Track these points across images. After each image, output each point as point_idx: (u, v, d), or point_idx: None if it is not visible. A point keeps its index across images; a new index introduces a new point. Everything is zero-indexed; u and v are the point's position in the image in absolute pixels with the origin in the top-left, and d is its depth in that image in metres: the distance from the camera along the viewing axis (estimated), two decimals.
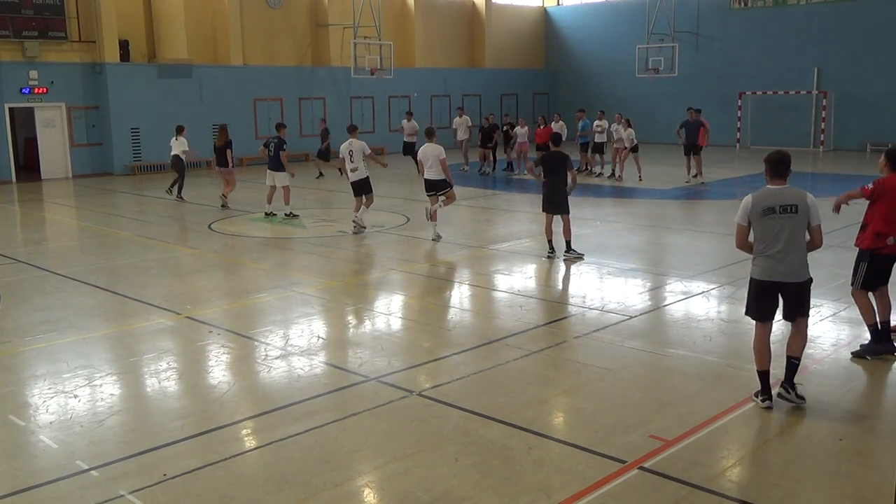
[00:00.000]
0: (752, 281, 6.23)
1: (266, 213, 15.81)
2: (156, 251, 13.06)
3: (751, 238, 6.16)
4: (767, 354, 6.14)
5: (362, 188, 13.90)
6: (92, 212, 17.74)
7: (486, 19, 35.47)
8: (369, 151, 13.86)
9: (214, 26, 27.36)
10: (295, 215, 15.61)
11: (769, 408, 6.04)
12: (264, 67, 28.31)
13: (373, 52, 29.37)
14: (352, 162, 13.71)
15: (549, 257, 11.66)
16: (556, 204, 11.61)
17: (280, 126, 16.42)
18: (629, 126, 21.22)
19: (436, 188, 13.20)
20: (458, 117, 25.50)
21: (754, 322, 6.27)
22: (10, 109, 23.35)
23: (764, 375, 6.12)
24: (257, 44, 28.41)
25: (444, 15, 34.60)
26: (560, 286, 10.60)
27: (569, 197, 11.70)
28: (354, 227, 13.95)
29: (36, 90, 23.45)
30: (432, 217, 13.15)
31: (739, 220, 6.13)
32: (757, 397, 6.13)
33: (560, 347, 7.74)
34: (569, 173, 11.58)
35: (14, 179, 23.41)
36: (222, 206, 17.25)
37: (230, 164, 17.31)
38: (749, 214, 6.04)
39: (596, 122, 22.29)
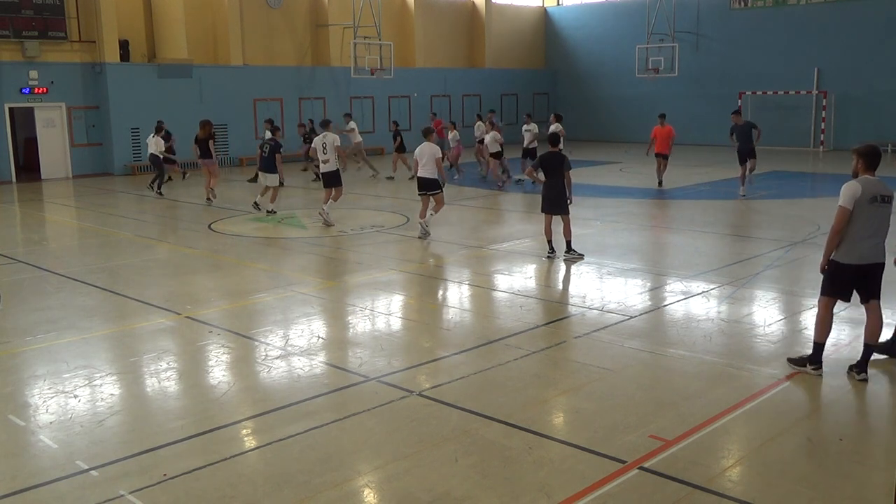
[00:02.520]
0: (838, 265, 6.53)
1: (267, 211, 16.06)
2: (156, 251, 13.06)
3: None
4: (829, 329, 6.70)
5: (332, 180, 14.57)
6: (92, 212, 17.74)
7: (486, 19, 35.49)
8: (338, 144, 14.50)
9: (214, 26, 27.38)
10: (273, 212, 15.99)
11: (819, 375, 6.66)
12: (264, 67, 28.33)
13: (373, 52, 29.38)
14: (324, 154, 14.40)
15: (549, 257, 11.65)
16: (554, 204, 11.58)
17: (275, 129, 16.56)
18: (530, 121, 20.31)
19: (427, 188, 13.23)
20: (351, 122, 23.84)
21: (824, 298, 6.70)
22: (10, 109, 23.36)
23: (820, 347, 6.69)
24: (257, 44, 28.42)
25: (444, 15, 34.62)
26: (560, 286, 10.60)
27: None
28: (321, 218, 14.63)
29: (36, 90, 23.46)
30: (432, 213, 13.32)
31: (846, 204, 6.36)
32: (809, 366, 6.70)
33: (560, 347, 7.74)
34: (565, 174, 11.47)
35: (14, 179, 23.42)
36: (207, 199, 17.67)
37: (213, 156, 17.83)
38: (857, 200, 6.34)
39: (524, 127, 21.08)
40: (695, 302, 9.26)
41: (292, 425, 5.88)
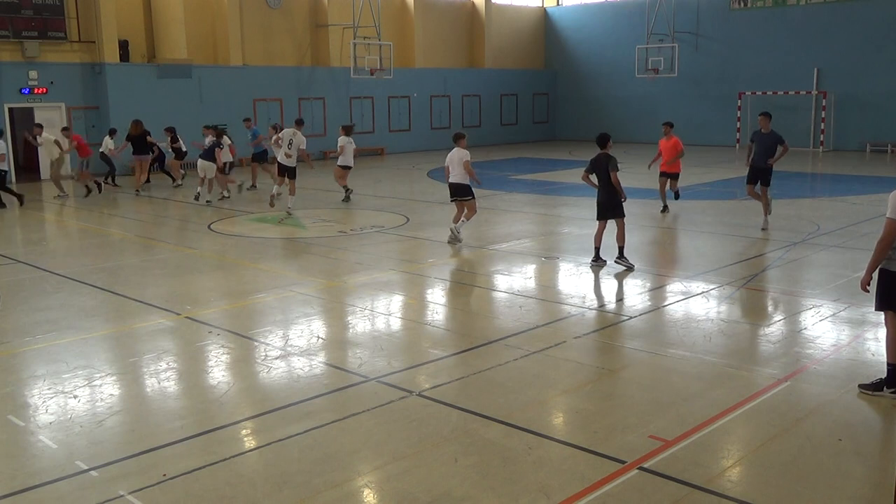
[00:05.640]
0: (892, 275, 6.07)
1: (197, 195, 18.17)
2: (155, 251, 13.06)
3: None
4: None
5: (289, 172, 16.06)
6: (91, 212, 17.74)
7: (486, 19, 35.49)
8: (304, 147, 16.25)
9: (214, 26, 27.37)
10: (208, 201, 17.97)
11: None
12: (264, 68, 28.33)
13: (372, 53, 29.39)
14: (289, 149, 15.98)
15: (594, 264, 11.10)
16: (607, 209, 11.02)
17: (218, 128, 18.67)
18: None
19: (458, 194, 12.81)
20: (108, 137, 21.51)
21: (890, 313, 6.16)
22: (10, 110, 23.36)
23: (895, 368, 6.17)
24: (257, 44, 28.42)
25: (444, 15, 34.62)
26: (560, 286, 10.59)
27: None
28: (271, 200, 16.54)
29: (36, 90, 23.46)
30: (455, 220, 12.86)
31: (895, 216, 5.90)
32: (886, 390, 6.20)
33: (560, 347, 7.73)
34: (610, 175, 10.84)
35: (13, 180, 23.38)
36: (136, 190, 19.56)
37: (149, 153, 19.91)
38: None
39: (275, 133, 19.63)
40: (695, 302, 9.25)
41: (292, 426, 5.88)
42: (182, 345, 8.06)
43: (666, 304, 9.27)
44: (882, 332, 7.00)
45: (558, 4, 38.38)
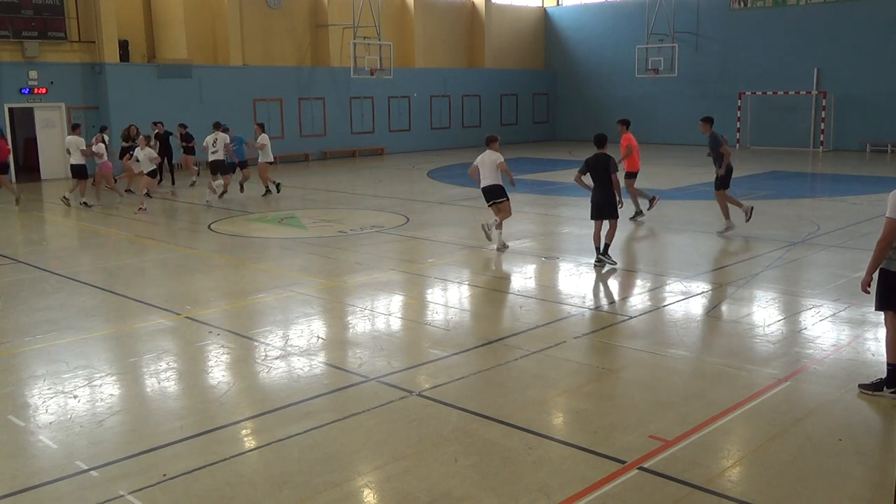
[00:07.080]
0: (892, 275, 6.06)
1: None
2: (155, 251, 13.06)
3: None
4: None
5: (219, 168, 18.30)
6: (91, 212, 17.73)
7: (486, 19, 35.49)
8: (228, 142, 18.53)
9: (214, 27, 27.38)
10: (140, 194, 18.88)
11: None
12: (264, 68, 28.34)
13: (372, 53, 29.40)
14: (213, 147, 18.25)
15: (596, 265, 11.12)
16: (603, 210, 11.04)
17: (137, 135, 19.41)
18: (147, 144, 17.74)
19: (493, 196, 12.43)
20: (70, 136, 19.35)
21: (890, 313, 6.16)
22: (10, 110, 23.36)
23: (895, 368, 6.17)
24: (257, 44, 28.43)
25: (444, 15, 34.62)
26: (560, 286, 10.59)
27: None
28: (209, 195, 18.03)
29: (36, 90, 23.47)
30: (497, 227, 12.41)
31: (895, 215, 5.89)
32: (886, 390, 6.20)
33: (560, 347, 7.73)
34: (612, 177, 10.85)
35: (14, 180, 23.36)
36: (127, 190, 20.27)
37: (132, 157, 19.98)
38: None
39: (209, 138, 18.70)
40: (695, 302, 9.25)
41: (292, 426, 5.88)
42: (182, 345, 8.06)
43: (665, 304, 9.27)
44: (882, 332, 6.99)
45: (558, 4, 38.38)
